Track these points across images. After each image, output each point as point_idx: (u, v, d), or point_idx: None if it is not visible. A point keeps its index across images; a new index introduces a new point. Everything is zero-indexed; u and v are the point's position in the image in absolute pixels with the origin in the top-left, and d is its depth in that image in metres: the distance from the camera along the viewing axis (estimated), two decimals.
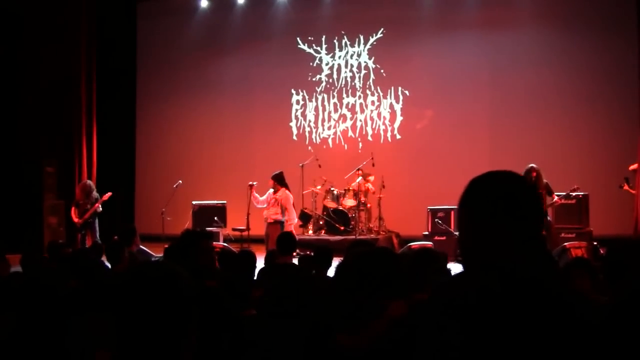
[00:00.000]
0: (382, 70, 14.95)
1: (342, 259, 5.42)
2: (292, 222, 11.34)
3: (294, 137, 15.45)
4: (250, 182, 11.63)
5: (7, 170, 13.63)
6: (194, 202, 13.49)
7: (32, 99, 14.13)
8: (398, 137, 14.84)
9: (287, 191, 11.40)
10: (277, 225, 11.13)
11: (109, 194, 11.76)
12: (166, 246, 6.91)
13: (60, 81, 14.42)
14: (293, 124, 15.49)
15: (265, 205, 11.48)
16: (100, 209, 11.69)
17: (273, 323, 3.20)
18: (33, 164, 13.82)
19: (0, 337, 3.23)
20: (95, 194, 11.74)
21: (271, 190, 11.43)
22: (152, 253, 8.81)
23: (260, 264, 6.16)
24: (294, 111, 15.50)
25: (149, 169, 16.16)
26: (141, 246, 8.39)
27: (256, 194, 11.54)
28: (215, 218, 12.95)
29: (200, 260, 3.87)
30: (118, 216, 14.77)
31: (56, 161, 14.13)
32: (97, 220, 11.76)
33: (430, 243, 10.53)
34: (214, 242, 10.83)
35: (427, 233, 12.04)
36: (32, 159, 13.83)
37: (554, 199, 10.54)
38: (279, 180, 11.40)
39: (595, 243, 10.11)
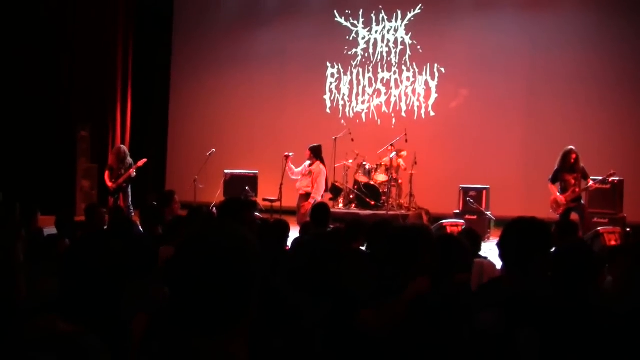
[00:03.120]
0: (418, 47, 14.79)
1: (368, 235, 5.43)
2: (316, 198, 11.17)
3: (328, 110, 15.38)
4: (287, 153, 11.57)
5: (41, 133, 13.76)
6: (226, 171, 13.52)
7: (68, 64, 14.21)
8: (432, 114, 14.72)
9: (321, 165, 11.32)
10: (308, 198, 11.12)
11: (144, 160, 11.78)
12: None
13: (97, 47, 14.51)
14: (327, 97, 15.41)
15: (299, 177, 11.45)
16: (135, 174, 11.74)
17: (299, 295, 3.17)
18: (67, 128, 13.94)
19: (47, 299, 3.27)
20: (129, 159, 11.78)
21: (307, 162, 11.37)
22: None
23: (294, 234, 6.18)
24: (328, 84, 15.41)
25: (181, 137, 16.20)
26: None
27: (292, 165, 11.51)
28: (247, 188, 12.97)
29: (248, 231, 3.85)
30: (150, 182, 14.90)
31: (90, 125, 14.25)
32: (130, 186, 11.81)
33: (462, 221, 10.46)
34: None
35: (458, 211, 11.96)
36: (66, 123, 13.95)
37: (589, 184, 10.38)
38: (316, 153, 11.32)
39: (628, 229, 9.97)
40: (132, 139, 15.02)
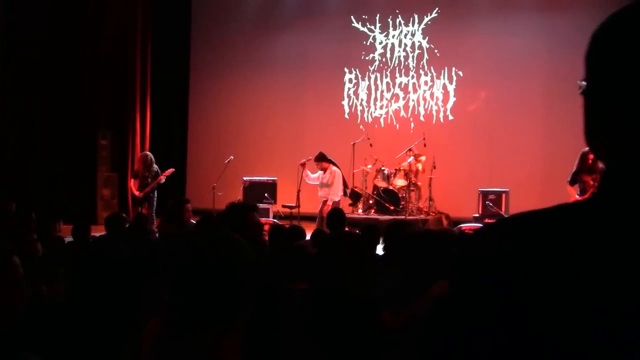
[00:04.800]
0: (436, 51, 14.74)
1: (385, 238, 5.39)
2: (334, 199, 11.20)
3: (346, 116, 15.36)
4: (302, 161, 11.56)
5: (62, 142, 13.83)
6: (244, 178, 13.52)
7: (88, 72, 14.29)
8: (450, 117, 14.65)
9: (333, 167, 11.33)
10: (337, 203, 11.11)
11: (172, 169, 11.62)
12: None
13: (115, 53, 14.57)
14: (345, 102, 15.40)
15: (316, 183, 11.43)
16: (163, 181, 11.54)
17: (322, 300, 3.16)
18: (87, 136, 14.01)
19: (55, 303, 3.25)
20: (155, 166, 11.62)
21: (319, 173, 11.38)
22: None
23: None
24: (346, 90, 15.40)
25: (200, 144, 16.24)
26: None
27: (308, 171, 11.51)
28: (266, 194, 12.96)
29: (248, 232, 3.83)
30: (170, 190, 14.93)
31: (110, 134, 14.31)
32: (155, 194, 11.64)
33: (479, 225, 10.38)
34: (264, 219, 10.87)
35: (477, 215, 11.87)
36: (86, 131, 14.02)
37: None
38: (324, 159, 11.33)
39: None
40: (152, 146, 15.05)
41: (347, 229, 8.82)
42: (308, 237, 6.26)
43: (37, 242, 5.86)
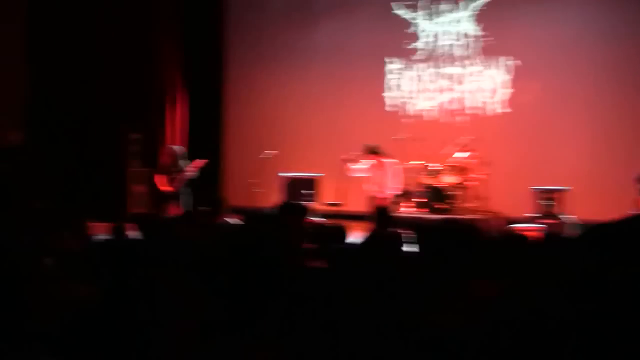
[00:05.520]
0: (485, 38, 14.53)
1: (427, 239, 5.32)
2: (391, 191, 11.13)
3: (388, 109, 15.23)
4: (344, 156, 11.45)
5: (91, 135, 13.96)
6: (284, 174, 13.47)
7: (116, 60, 14.35)
8: (502, 110, 14.45)
9: (384, 159, 11.21)
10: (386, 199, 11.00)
11: (205, 160, 11.58)
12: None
13: (146, 43, 14.63)
14: (387, 94, 15.27)
15: (362, 175, 11.31)
16: (194, 174, 11.52)
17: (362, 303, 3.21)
18: (118, 129, 14.10)
19: (86, 305, 3.27)
20: (183, 161, 11.63)
21: (367, 164, 11.26)
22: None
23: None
24: (387, 81, 15.27)
25: (237, 137, 16.21)
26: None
27: (351, 165, 11.39)
28: (306, 191, 12.91)
29: (293, 237, 3.84)
30: (206, 187, 15.00)
31: (142, 127, 14.37)
32: (190, 191, 11.60)
33: (543, 226, 10.22)
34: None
35: (532, 215, 11.68)
36: (116, 125, 14.11)
37: None
38: (373, 151, 11.24)
39: None
40: (185, 139, 15.09)
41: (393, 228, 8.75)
42: (352, 237, 6.20)
43: (72, 239, 5.89)
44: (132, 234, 6.96)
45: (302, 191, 12.99)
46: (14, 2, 13.99)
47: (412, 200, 13.12)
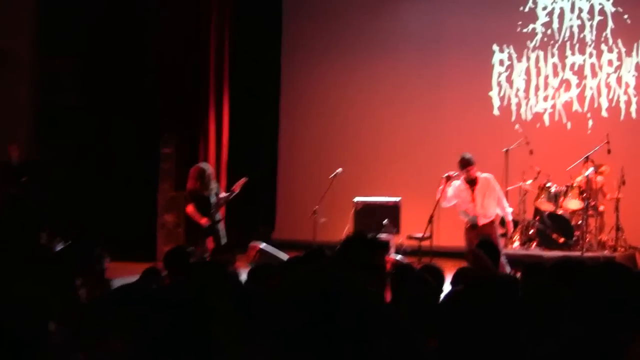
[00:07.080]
0: (625, 16, 14.37)
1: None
2: (505, 214, 11.06)
3: (496, 112, 15.18)
4: (449, 173, 11.17)
5: (112, 150, 14.20)
6: (356, 199, 13.44)
7: (153, 64, 14.61)
8: None
9: (483, 174, 10.99)
10: (478, 228, 10.78)
11: (244, 179, 11.67)
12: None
13: (183, 38, 14.85)
14: (494, 93, 15.22)
15: (453, 203, 11.08)
16: (234, 194, 11.63)
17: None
18: (146, 142, 14.26)
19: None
20: (215, 183, 11.73)
21: (457, 182, 11.07)
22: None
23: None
24: (495, 76, 15.23)
25: (295, 154, 16.32)
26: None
27: (449, 189, 11.17)
28: (386, 221, 12.85)
29: (370, 280, 3.76)
30: (255, 216, 15.02)
31: (176, 140, 14.50)
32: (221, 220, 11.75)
33: None
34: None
35: None
36: (144, 136, 14.29)
37: None
38: (469, 163, 11.04)
39: None
40: (230, 157, 15.20)
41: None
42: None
43: (82, 286, 5.90)
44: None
45: (382, 221, 12.89)
46: None
47: (525, 232, 13.10)
